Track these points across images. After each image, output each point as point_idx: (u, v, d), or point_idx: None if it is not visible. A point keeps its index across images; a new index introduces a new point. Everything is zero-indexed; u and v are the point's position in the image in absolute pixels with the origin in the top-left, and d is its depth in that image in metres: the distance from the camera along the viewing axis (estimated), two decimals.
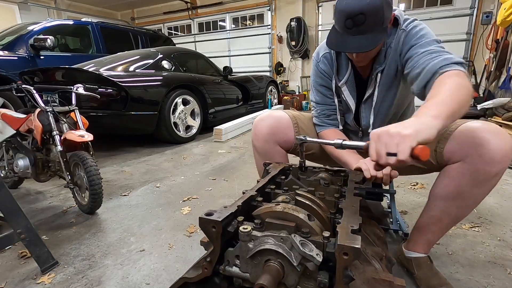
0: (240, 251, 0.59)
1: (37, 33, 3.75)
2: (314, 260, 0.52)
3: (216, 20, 8.42)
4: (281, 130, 1.17)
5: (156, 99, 3.22)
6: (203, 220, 0.59)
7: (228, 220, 0.61)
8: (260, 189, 0.76)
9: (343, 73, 1.13)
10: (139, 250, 1.40)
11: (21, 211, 1.17)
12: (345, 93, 1.15)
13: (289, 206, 0.62)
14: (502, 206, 1.73)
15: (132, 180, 2.38)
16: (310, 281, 0.54)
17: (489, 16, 5.39)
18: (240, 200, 0.68)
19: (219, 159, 2.92)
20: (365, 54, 0.98)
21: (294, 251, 0.53)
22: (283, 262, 0.55)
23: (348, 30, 0.91)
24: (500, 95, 4.73)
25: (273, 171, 0.88)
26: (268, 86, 5.75)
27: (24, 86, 1.79)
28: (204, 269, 0.61)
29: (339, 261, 0.49)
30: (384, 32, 0.92)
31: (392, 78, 1.05)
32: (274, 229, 0.59)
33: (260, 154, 1.21)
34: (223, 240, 0.59)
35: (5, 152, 2.07)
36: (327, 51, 1.17)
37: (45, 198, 2.06)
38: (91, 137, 1.72)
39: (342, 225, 0.56)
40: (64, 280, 1.20)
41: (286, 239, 0.55)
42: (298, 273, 0.54)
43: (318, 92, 1.23)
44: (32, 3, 7.28)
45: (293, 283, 0.54)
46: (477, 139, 0.84)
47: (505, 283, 1.10)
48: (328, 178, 0.90)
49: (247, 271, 0.59)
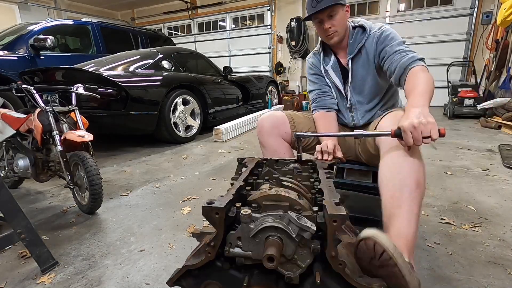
0: (242, 233, 0.65)
1: (37, 33, 3.75)
2: (309, 229, 0.60)
3: (216, 20, 8.42)
4: (281, 124, 1.37)
5: (156, 99, 3.22)
6: (207, 208, 0.65)
7: (228, 207, 0.68)
8: (244, 179, 0.85)
9: (328, 60, 1.43)
10: (139, 250, 1.40)
11: (21, 211, 1.17)
12: (332, 75, 1.42)
13: (281, 189, 0.71)
14: (502, 206, 1.73)
15: (132, 180, 2.38)
16: (305, 250, 0.63)
17: (489, 16, 5.39)
18: (232, 189, 0.76)
19: (219, 159, 2.93)
20: (329, 23, 1.26)
21: (292, 225, 0.62)
22: (282, 236, 0.63)
23: (313, 7, 1.24)
24: (500, 95, 4.73)
25: (250, 165, 0.98)
26: (268, 86, 5.75)
27: (24, 86, 1.79)
28: (208, 254, 0.68)
29: (330, 227, 0.59)
30: (337, 2, 1.21)
31: (367, 66, 1.33)
32: (270, 209, 0.67)
33: (267, 149, 1.37)
34: (225, 225, 0.66)
35: (5, 152, 2.07)
36: (315, 49, 1.50)
37: (45, 198, 2.06)
38: (91, 137, 1.73)
39: (326, 200, 0.66)
40: (64, 280, 1.20)
41: (283, 216, 0.64)
42: (295, 243, 0.63)
43: (311, 82, 1.51)
44: (32, 3, 7.28)
45: (291, 253, 0.63)
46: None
47: (505, 283, 1.10)
48: (300, 167, 1.01)
49: (249, 249, 0.66)
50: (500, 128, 3.90)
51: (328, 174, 0.89)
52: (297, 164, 1.01)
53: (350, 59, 1.34)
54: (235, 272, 0.70)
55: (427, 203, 1.79)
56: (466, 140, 3.38)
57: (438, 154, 2.83)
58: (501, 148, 2.87)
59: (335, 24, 1.28)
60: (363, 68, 1.34)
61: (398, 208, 0.87)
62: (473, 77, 5.29)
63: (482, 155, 2.77)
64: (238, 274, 0.70)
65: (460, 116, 4.78)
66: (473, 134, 3.67)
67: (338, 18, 1.27)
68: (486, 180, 2.14)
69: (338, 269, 0.61)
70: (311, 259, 0.63)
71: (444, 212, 1.67)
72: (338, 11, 1.25)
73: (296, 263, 0.64)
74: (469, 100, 4.73)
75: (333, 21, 1.27)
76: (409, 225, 0.84)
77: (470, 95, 4.75)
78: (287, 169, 0.99)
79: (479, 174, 2.26)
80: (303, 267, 0.64)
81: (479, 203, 1.77)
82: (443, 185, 2.06)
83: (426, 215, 1.64)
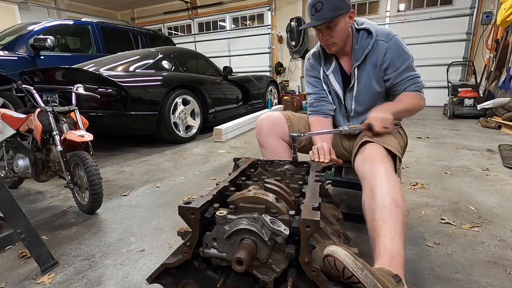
0: (217, 234, 0.65)
1: (37, 33, 3.75)
2: (282, 234, 0.60)
3: (216, 20, 8.42)
4: (279, 124, 1.38)
5: (156, 99, 3.22)
6: (183, 208, 0.65)
7: (205, 207, 0.68)
8: (232, 180, 0.85)
9: (329, 65, 1.40)
10: (139, 250, 1.40)
11: (21, 211, 1.17)
12: (332, 80, 1.39)
13: (259, 191, 0.71)
14: (502, 206, 1.73)
15: (132, 180, 2.38)
16: (279, 254, 0.63)
17: (489, 16, 5.39)
18: (214, 190, 0.76)
19: (219, 159, 2.92)
20: (327, 33, 1.23)
21: (265, 228, 0.61)
22: (256, 239, 0.62)
23: (312, 15, 1.20)
24: (500, 95, 4.73)
25: (243, 165, 0.97)
26: (268, 86, 5.75)
27: (24, 86, 1.78)
28: (184, 253, 0.68)
29: (303, 232, 0.58)
30: (336, 15, 1.16)
31: (371, 75, 1.31)
32: (247, 211, 0.66)
33: (266, 149, 1.39)
34: (201, 225, 0.66)
35: (5, 152, 2.07)
36: (315, 50, 1.45)
37: (45, 198, 2.06)
38: (91, 137, 1.72)
39: (305, 204, 0.66)
40: (64, 280, 1.20)
41: (257, 219, 0.63)
42: (269, 247, 0.62)
43: (310, 85, 1.48)
44: (32, 3, 7.28)
45: (265, 256, 0.62)
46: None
47: (505, 283, 1.09)
48: (293, 169, 1.01)
49: (224, 251, 0.65)
50: (500, 128, 3.90)
51: (318, 176, 0.88)
52: (291, 166, 1.01)
53: (356, 67, 1.30)
54: (211, 273, 0.70)
55: (427, 203, 1.79)
56: (466, 140, 3.38)
57: (438, 154, 2.83)
58: (501, 148, 2.87)
59: (334, 36, 1.23)
60: (367, 76, 1.31)
61: (380, 229, 0.85)
62: (473, 77, 5.29)
63: (482, 155, 2.77)
64: (214, 275, 0.70)
65: (460, 116, 4.78)
66: (473, 134, 3.67)
67: (338, 29, 1.21)
68: (486, 180, 2.14)
69: (312, 276, 0.59)
70: (286, 264, 0.63)
71: (444, 212, 1.67)
72: (339, 21, 1.19)
73: (271, 267, 0.64)
74: (469, 100, 4.73)
75: (332, 33, 1.22)
76: (392, 242, 0.81)
77: (470, 95, 4.75)
78: (279, 170, 0.98)
79: (479, 174, 2.26)
80: (277, 272, 0.63)
81: (479, 203, 1.77)
82: (443, 185, 2.06)
83: (426, 215, 1.64)
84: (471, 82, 5.39)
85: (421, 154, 2.86)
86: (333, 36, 1.23)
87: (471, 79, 5.48)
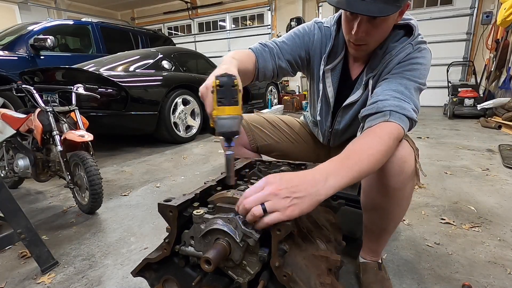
0: (194, 232, 0.66)
1: (37, 33, 3.75)
2: (253, 236, 0.60)
3: (216, 20, 8.43)
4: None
5: (156, 99, 3.22)
6: (162, 205, 0.66)
7: (184, 206, 0.69)
8: (221, 180, 0.85)
9: (332, 59, 1.03)
10: (140, 250, 1.40)
11: (21, 211, 1.17)
12: (327, 81, 1.05)
13: (237, 192, 0.70)
14: (502, 206, 1.73)
15: (132, 180, 2.38)
16: (253, 256, 0.63)
17: (489, 16, 5.39)
18: (199, 189, 0.77)
19: (219, 159, 2.92)
20: (367, 30, 0.83)
21: (238, 229, 0.61)
22: (230, 240, 0.62)
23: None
24: (500, 95, 4.73)
25: (238, 165, 0.97)
26: (268, 86, 5.75)
27: (24, 86, 1.79)
28: (164, 249, 0.70)
29: (274, 236, 0.59)
30: (395, 10, 0.78)
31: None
32: (223, 212, 0.66)
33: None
34: (179, 223, 0.67)
35: (5, 152, 2.07)
36: (327, 25, 1.04)
37: (45, 198, 2.06)
38: (91, 137, 1.72)
39: None
40: (64, 280, 1.19)
41: (232, 219, 0.63)
42: (241, 248, 0.62)
43: (291, 37, 1.06)
44: (32, 3, 7.28)
45: (238, 258, 0.63)
46: None
47: (505, 283, 1.09)
48: (289, 171, 0.98)
49: (200, 249, 0.66)
50: (500, 128, 3.90)
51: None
52: (287, 168, 1.00)
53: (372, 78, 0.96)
54: (190, 271, 0.71)
55: (427, 203, 1.79)
56: (466, 140, 3.38)
57: (438, 154, 2.83)
58: (501, 148, 2.87)
59: (373, 34, 0.86)
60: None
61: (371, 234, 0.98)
62: (473, 77, 5.29)
63: (482, 155, 2.77)
64: (192, 273, 0.71)
65: (460, 116, 4.79)
66: (473, 134, 3.67)
67: (383, 27, 0.85)
68: (486, 180, 2.14)
69: (283, 280, 0.59)
70: (259, 266, 0.63)
71: (444, 212, 1.67)
72: (389, 18, 0.83)
73: (245, 269, 0.64)
74: (469, 100, 4.73)
75: (373, 30, 0.84)
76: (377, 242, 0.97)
77: (470, 95, 4.75)
78: (273, 172, 0.97)
79: (479, 174, 2.26)
80: (252, 274, 0.64)
81: (479, 203, 1.77)
82: (443, 185, 2.06)
83: (426, 215, 1.64)
84: (471, 82, 5.39)
85: (421, 154, 2.83)
86: (371, 34, 0.85)
87: (471, 79, 5.48)
